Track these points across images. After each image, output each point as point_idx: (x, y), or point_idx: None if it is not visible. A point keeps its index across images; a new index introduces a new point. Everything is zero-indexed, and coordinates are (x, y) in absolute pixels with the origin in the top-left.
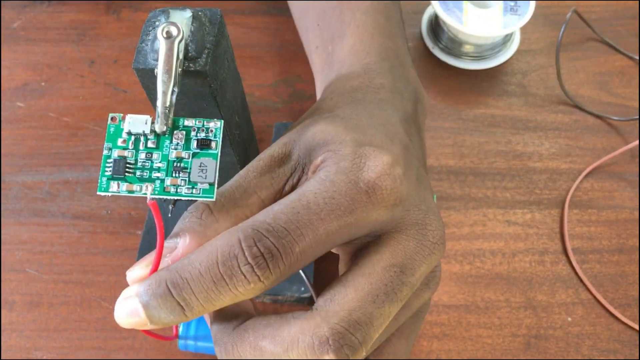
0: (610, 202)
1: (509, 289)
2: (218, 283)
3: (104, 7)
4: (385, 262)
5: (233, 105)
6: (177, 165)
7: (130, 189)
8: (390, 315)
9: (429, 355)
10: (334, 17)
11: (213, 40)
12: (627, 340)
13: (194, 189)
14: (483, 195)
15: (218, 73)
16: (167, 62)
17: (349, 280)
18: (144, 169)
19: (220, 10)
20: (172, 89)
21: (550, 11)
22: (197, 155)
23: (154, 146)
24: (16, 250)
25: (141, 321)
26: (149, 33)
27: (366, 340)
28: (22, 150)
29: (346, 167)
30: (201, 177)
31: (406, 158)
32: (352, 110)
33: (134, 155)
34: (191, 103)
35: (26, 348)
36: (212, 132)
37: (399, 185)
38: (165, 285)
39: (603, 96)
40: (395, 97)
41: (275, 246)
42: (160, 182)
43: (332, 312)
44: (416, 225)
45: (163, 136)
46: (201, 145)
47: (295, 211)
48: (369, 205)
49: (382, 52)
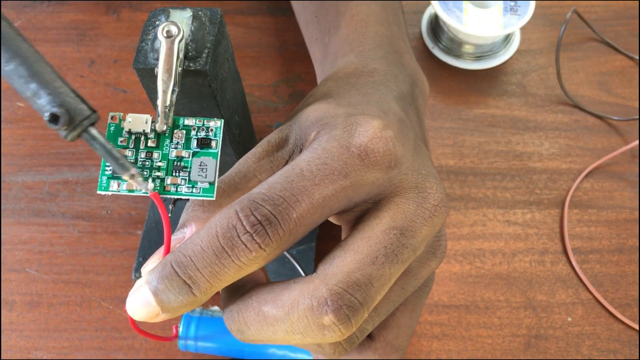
0: (610, 202)
1: (509, 289)
2: (220, 256)
3: (104, 7)
4: (384, 225)
5: (233, 105)
6: (177, 165)
7: (130, 187)
8: (391, 277)
9: (429, 355)
10: (331, 8)
11: (213, 40)
12: (627, 340)
13: (194, 188)
14: (483, 195)
15: (218, 72)
16: (168, 62)
17: (348, 244)
18: (144, 168)
19: (220, 10)
20: (172, 88)
21: (550, 11)
22: (197, 155)
23: (154, 145)
24: (16, 250)
25: (153, 310)
26: (149, 32)
27: (367, 301)
28: (22, 150)
29: (337, 134)
30: (201, 176)
31: (400, 128)
32: (345, 91)
33: (134, 155)
34: (191, 102)
35: (26, 348)
36: (212, 132)
37: (391, 147)
38: (170, 266)
39: (603, 96)
40: (389, 79)
41: (271, 213)
42: (160, 181)
43: (331, 274)
44: (416, 188)
45: (163, 135)
46: (201, 144)
47: (289, 180)
48: (363, 168)
49: (376, 39)
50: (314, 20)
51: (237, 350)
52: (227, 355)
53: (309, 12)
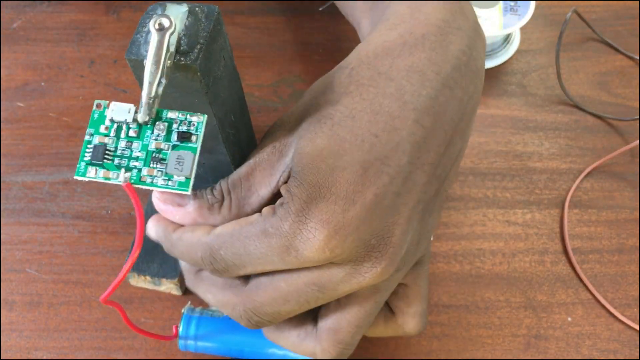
0: (610, 202)
1: (509, 289)
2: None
3: (104, 7)
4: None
5: (228, 104)
6: (155, 156)
7: (106, 175)
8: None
9: (429, 355)
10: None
11: (207, 36)
12: (627, 340)
13: (170, 181)
14: (483, 195)
15: (211, 70)
16: (157, 54)
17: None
18: (122, 157)
19: (218, 8)
20: (158, 80)
21: (550, 11)
22: (176, 148)
23: (135, 135)
24: (16, 250)
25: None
26: (145, 25)
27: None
28: (22, 150)
29: (284, 229)
30: (177, 169)
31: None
32: (356, 106)
33: (114, 143)
34: (182, 97)
35: (26, 348)
36: (193, 126)
37: (331, 256)
38: None
39: (603, 96)
40: (436, 54)
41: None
42: (137, 172)
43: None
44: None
45: (145, 126)
46: (181, 138)
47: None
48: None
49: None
50: None
51: (237, 350)
52: (227, 355)
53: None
